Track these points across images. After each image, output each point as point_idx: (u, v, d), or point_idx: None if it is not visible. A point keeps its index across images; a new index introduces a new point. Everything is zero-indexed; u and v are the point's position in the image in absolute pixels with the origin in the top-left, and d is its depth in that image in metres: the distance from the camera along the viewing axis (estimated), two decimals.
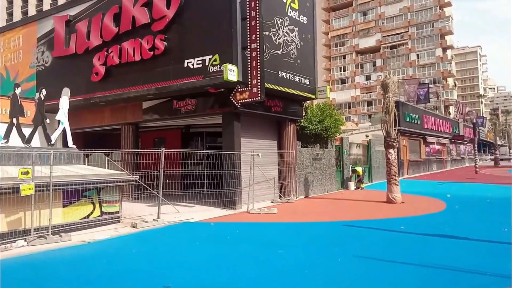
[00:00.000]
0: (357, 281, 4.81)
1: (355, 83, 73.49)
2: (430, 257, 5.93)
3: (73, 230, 8.00)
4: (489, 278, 4.77)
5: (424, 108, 35.40)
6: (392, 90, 13.58)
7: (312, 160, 15.57)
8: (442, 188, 17.23)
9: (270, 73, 11.78)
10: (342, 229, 8.67)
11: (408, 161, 28.82)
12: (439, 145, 36.68)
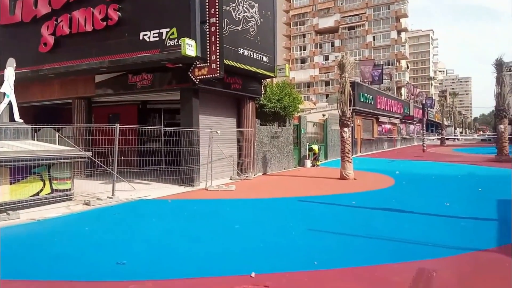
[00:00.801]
0: (309, 253, 5.03)
1: (314, 63, 74.37)
2: (377, 229, 6.30)
3: (22, 208, 7.66)
4: (430, 248, 5.17)
5: (378, 89, 36.65)
6: (348, 70, 13.91)
7: (270, 138, 15.77)
8: (392, 166, 18.15)
9: (229, 49, 11.63)
10: (297, 204, 8.95)
11: (362, 140, 29.95)
12: (390, 125, 38.36)
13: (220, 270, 4.44)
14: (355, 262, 4.62)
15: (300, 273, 4.30)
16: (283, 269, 4.42)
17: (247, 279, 4.11)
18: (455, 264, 4.61)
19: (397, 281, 3.99)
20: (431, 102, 61.88)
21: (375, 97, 32.66)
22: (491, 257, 4.77)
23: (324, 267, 4.47)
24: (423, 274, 4.14)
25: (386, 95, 38.09)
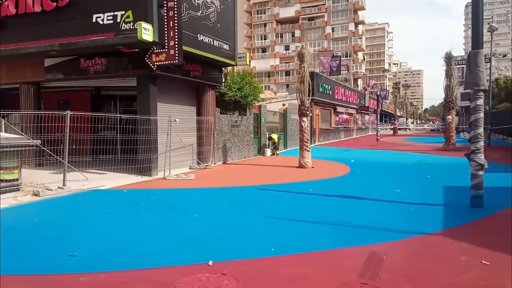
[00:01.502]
0: (267, 240, 5.10)
1: (275, 52, 74.66)
2: (333, 215, 6.51)
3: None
4: (381, 233, 5.40)
5: (336, 79, 37.52)
6: (307, 60, 14.10)
7: (231, 127, 15.72)
8: (348, 154, 18.74)
9: (188, 35, 11.38)
10: (257, 192, 9.03)
11: (320, 129, 30.64)
12: (347, 115, 39.50)
13: (177, 260, 4.39)
14: (311, 248, 4.74)
15: (257, 260, 4.35)
16: (240, 257, 4.45)
17: (204, 268, 4.10)
18: (403, 247, 4.86)
19: (350, 265, 4.14)
20: (385, 93, 64.31)
21: (333, 87, 33.41)
22: (436, 240, 5.07)
23: (281, 253, 4.55)
24: (374, 257, 4.33)
25: (344, 86, 39.10)
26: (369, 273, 3.88)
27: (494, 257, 4.32)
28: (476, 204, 6.80)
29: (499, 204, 7.00)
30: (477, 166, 6.88)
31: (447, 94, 21.93)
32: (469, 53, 7.21)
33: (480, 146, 6.96)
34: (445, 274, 3.88)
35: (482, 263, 4.11)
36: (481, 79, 6.98)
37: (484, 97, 7.43)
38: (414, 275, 3.87)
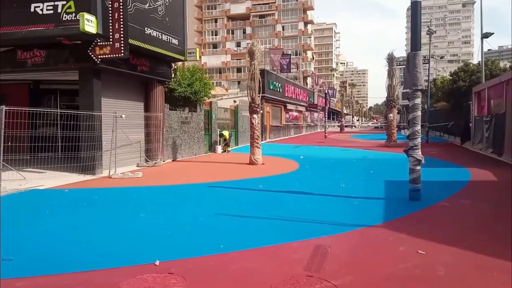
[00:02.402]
0: (216, 237, 5.09)
1: (226, 48, 74.39)
2: (281, 211, 6.62)
3: None
4: (326, 226, 5.60)
5: (286, 77, 38.18)
6: (258, 58, 14.18)
7: (180, 123, 15.45)
8: (297, 151, 19.17)
9: (135, 28, 11.02)
10: (207, 190, 8.96)
11: (271, 126, 31.04)
12: (297, 112, 40.37)
13: (121, 261, 4.25)
14: (260, 243, 4.79)
15: (205, 258, 4.32)
16: (188, 255, 4.40)
17: (151, 268, 4.00)
18: (347, 239, 5.07)
19: (296, 258, 4.24)
20: (333, 91, 66.52)
21: (283, 85, 33.97)
22: (377, 232, 5.34)
23: (230, 249, 4.56)
24: (319, 250, 4.47)
25: (294, 84, 39.89)
26: (314, 266, 4.01)
27: (429, 246, 4.63)
28: (414, 197, 7.24)
29: (435, 197, 7.50)
30: (415, 161, 7.32)
31: (389, 93, 23.12)
32: (408, 55, 7.65)
33: (417, 142, 7.41)
34: (384, 264, 4.11)
35: (419, 253, 4.39)
36: (419, 79, 7.42)
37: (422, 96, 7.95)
38: (355, 266, 4.06)
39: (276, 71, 35.36)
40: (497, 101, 16.19)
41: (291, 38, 73.01)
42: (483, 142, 17.50)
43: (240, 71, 72.10)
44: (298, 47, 72.40)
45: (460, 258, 4.30)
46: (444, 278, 3.74)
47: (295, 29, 72.67)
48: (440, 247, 4.65)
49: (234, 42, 74.56)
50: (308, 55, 75.53)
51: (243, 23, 74.40)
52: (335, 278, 3.67)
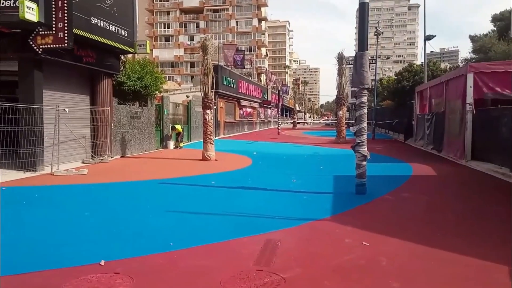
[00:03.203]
0: (166, 235, 4.99)
1: (179, 42, 72.92)
2: (233, 207, 6.63)
3: None
4: (277, 221, 5.68)
5: (240, 73, 38.20)
6: (211, 53, 14.03)
7: (130, 118, 14.95)
8: (250, 147, 19.28)
9: (80, 17, 10.47)
10: (157, 186, 8.75)
11: (224, 122, 30.94)
12: (251, 108, 40.55)
13: (64, 261, 4.03)
14: (210, 239, 4.76)
15: (154, 256, 4.22)
16: (136, 254, 4.27)
17: (95, 268, 3.84)
18: (296, 233, 5.18)
19: (247, 253, 4.27)
20: (286, 89, 67.51)
21: (237, 81, 33.95)
22: (325, 225, 5.50)
23: (180, 247, 4.49)
24: (269, 245, 4.53)
25: (247, 80, 40.01)
26: (264, 260, 4.05)
27: (373, 238, 4.85)
28: (360, 192, 7.55)
29: (379, 190, 7.87)
30: (361, 157, 7.63)
31: (339, 91, 23.89)
32: (355, 54, 7.93)
33: (364, 139, 7.72)
34: (331, 256, 4.24)
35: (363, 244, 4.58)
36: (365, 78, 7.72)
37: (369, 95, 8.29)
38: (304, 259, 4.15)
39: (230, 67, 35.26)
40: (438, 100, 17.28)
41: (245, 34, 73.06)
42: (424, 139, 18.62)
43: (194, 65, 71.03)
44: (252, 43, 72.61)
45: (401, 248, 4.54)
46: (386, 268, 3.93)
47: (249, 25, 72.80)
48: (383, 238, 4.88)
49: (187, 36, 73.25)
50: (262, 52, 76.03)
51: (197, 17, 73.29)
52: (284, 271, 3.73)
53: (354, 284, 3.55)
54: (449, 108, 14.51)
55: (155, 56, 68.69)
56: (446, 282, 3.61)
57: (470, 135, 12.34)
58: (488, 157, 11.41)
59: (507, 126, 9.91)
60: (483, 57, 31.56)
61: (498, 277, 3.67)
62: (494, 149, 10.97)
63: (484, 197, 7.77)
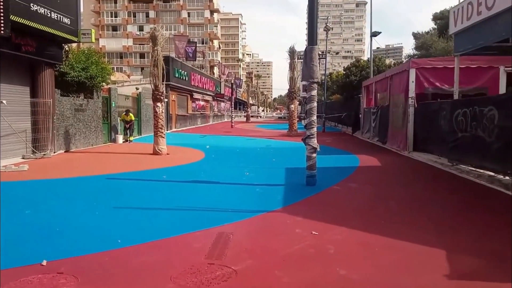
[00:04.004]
0: (114, 231, 4.82)
1: (128, 32, 70.29)
2: (185, 201, 6.56)
3: None
4: (229, 214, 5.69)
5: (192, 66, 37.59)
6: (161, 43, 13.66)
7: (74, 111, 14.21)
8: (203, 140, 19.11)
9: (18, 3, 9.76)
10: (104, 182, 8.42)
11: (176, 115, 30.36)
12: (204, 102, 40.11)
13: (2, 263, 3.77)
14: (160, 235, 4.67)
15: (101, 254, 4.07)
16: (81, 252, 4.09)
17: (37, 268, 3.64)
18: (248, 225, 5.22)
19: (198, 247, 4.24)
20: (239, 82, 67.47)
21: (189, 73, 33.38)
22: (276, 217, 5.60)
23: (128, 243, 4.36)
24: (221, 237, 4.53)
25: (200, 73, 39.47)
26: (216, 253, 4.05)
27: (322, 227, 5.01)
28: (310, 183, 7.76)
29: (328, 181, 8.13)
30: (311, 149, 7.83)
31: (291, 85, 24.29)
32: (305, 49, 8.08)
33: (314, 131, 7.93)
34: (281, 246, 4.33)
35: (312, 234, 4.72)
36: (315, 72, 7.91)
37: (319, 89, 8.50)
38: (255, 250, 4.20)
39: (182, 59, 34.56)
40: (382, 95, 18.12)
41: (197, 26, 71.89)
42: (370, 132, 19.48)
43: (144, 56, 68.86)
44: (204, 35, 71.67)
45: (347, 236, 4.74)
46: (334, 256, 4.09)
47: (201, 16, 71.68)
48: (331, 227, 5.06)
49: (136, 25, 70.74)
50: (214, 44, 75.30)
51: (146, 6, 70.91)
52: (236, 264, 3.75)
53: (304, 272, 3.66)
54: (393, 102, 15.27)
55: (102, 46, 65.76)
56: (389, 267, 3.82)
57: (412, 127, 13.09)
58: (428, 148, 12.17)
59: (445, 119, 10.61)
60: (425, 54, 33.48)
61: (437, 261, 3.93)
62: (433, 141, 11.72)
63: (425, 186, 8.29)
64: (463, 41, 10.21)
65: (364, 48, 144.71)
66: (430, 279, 3.51)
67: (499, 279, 3.50)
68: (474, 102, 9.11)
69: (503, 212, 5.93)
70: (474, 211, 6.10)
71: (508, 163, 7.49)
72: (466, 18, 9.61)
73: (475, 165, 8.98)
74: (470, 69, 12.30)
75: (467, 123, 9.21)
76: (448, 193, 7.39)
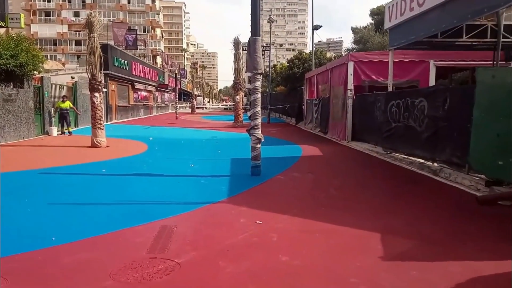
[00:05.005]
0: (47, 229, 4.54)
1: (62, 18, 65.79)
2: (125, 195, 6.34)
3: None
4: (173, 206, 5.59)
5: (133, 54, 36.14)
6: (97, 30, 12.94)
7: (3, 101, 13.08)
8: (146, 132, 18.52)
9: None
10: (37, 177, 7.87)
11: (117, 106, 29.10)
12: (146, 92, 38.81)
13: None
14: (99, 231, 4.47)
15: (33, 253, 3.81)
16: (11, 252, 3.79)
17: None
18: (192, 217, 5.16)
19: (139, 242, 4.12)
20: (183, 72, 66.17)
21: (130, 62, 32.08)
22: (221, 208, 5.60)
23: (64, 241, 4.13)
24: (164, 231, 4.45)
25: (142, 62, 38.07)
26: (159, 247, 3.97)
27: (266, 216, 5.10)
28: (255, 173, 7.85)
29: (273, 171, 8.27)
30: (255, 140, 7.91)
31: (236, 76, 24.25)
32: (249, 40, 8.10)
33: (258, 122, 8.01)
34: (225, 237, 4.34)
35: (256, 223, 4.79)
36: (258, 63, 7.96)
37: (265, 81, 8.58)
38: (199, 242, 4.18)
39: (121, 47, 33.06)
40: (324, 86, 18.71)
41: (138, 13, 69.03)
42: (313, 122, 20.09)
43: (80, 44, 64.87)
44: (146, 23, 69.06)
45: (290, 224, 4.87)
46: (277, 243, 4.18)
47: (141, 3, 68.89)
48: (275, 216, 5.17)
49: (71, 11, 66.37)
50: (157, 33, 72.90)
51: None
52: (179, 256, 3.71)
53: (247, 261, 3.70)
54: (333, 94, 15.84)
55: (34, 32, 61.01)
56: (328, 251, 3.99)
57: (351, 118, 13.69)
58: (366, 138, 12.81)
59: (381, 110, 11.22)
60: (363, 48, 35.02)
61: (373, 244, 4.16)
62: (370, 131, 12.35)
63: (362, 173, 8.74)
64: (397, 36, 10.82)
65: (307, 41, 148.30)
66: (366, 261, 3.72)
67: (428, 258, 3.79)
68: (406, 94, 9.71)
69: (432, 197, 6.43)
70: (406, 196, 6.55)
71: (437, 150, 8.12)
72: (400, 13, 10.18)
73: (407, 153, 9.62)
74: (403, 63, 13.08)
75: (400, 114, 9.81)
76: (383, 180, 7.86)
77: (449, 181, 7.28)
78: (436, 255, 3.86)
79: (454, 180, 7.20)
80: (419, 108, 8.83)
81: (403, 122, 9.63)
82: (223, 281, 3.29)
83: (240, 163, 9.34)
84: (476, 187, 6.53)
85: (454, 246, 4.11)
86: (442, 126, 7.88)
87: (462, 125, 6.90)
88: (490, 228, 4.74)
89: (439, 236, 4.43)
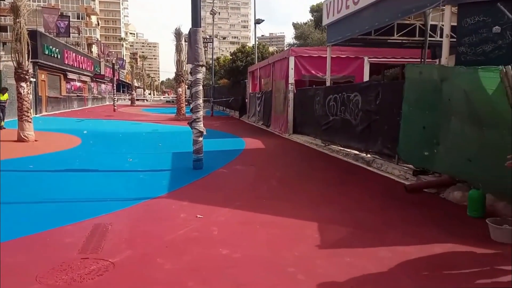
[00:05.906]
0: None
1: None
2: (55, 193, 5.93)
3: None
4: (108, 204, 5.33)
5: (66, 42, 33.83)
6: (24, 15, 11.94)
7: None
8: (81, 125, 17.50)
9: None
10: None
11: (47, 97, 27.15)
12: (80, 83, 36.61)
13: None
14: (24, 232, 4.13)
15: None
16: None
17: None
18: (129, 214, 4.96)
19: (70, 242, 3.87)
20: (122, 62, 63.28)
21: (62, 51, 30.02)
22: (160, 203, 5.45)
23: None
24: (98, 229, 4.22)
25: (75, 51, 35.80)
26: (91, 247, 3.75)
27: (207, 210, 5.04)
28: (197, 167, 7.74)
29: (215, 164, 8.20)
30: (197, 133, 7.79)
31: (178, 68, 23.66)
32: (189, 31, 7.91)
33: (200, 115, 7.88)
34: (165, 233, 4.22)
35: (197, 217, 4.72)
36: (199, 55, 7.82)
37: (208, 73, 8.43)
38: (136, 239, 4.02)
39: (52, 34, 30.78)
40: (266, 80, 18.91)
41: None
42: (256, 116, 20.26)
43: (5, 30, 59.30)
44: (80, 10, 64.97)
45: (231, 217, 4.86)
46: (217, 237, 4.15)
47: None
48: (216, 209, 5.13)
49: None
50: (92, 20, 68.91)
51: None
52: (113, 256, 3.53)
53: (186, 256, 3.63)
54: (276, 88, 16.07)
55: None
56: (268, 242, 4.03)
57: (292, 111, 13.99)
58: (306, 131, 13.17)
59: (319, 104, 11.58)
60: (303, 43, 35.91)
61: (309, 233, 4.29)
62: (310, 124, 12.71)
63: (302, 165, 8.98)
64: (334, 33, 11.20)
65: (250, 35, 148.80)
66: (303, 250, 3.82)
67: (361, 244, 3.98)
68: (342, 89, 10.12)
69: (365, 186, 6.77)
70: (342, 186, 6.83)
71: (370, 142, 8.57)
72: (337, 11, 10.54)
73: (343, 145, 10.05)
74: (340, 59, 13.58)
75: (337, 107, 10.20)
76: (321, 171, 8.13)
77: (380, 171, 7.71)
78: (369, 241, 4.07)
79: (385, 170, 7.65)
80: (354, 102, 9.24)
81: (340, 116, 10.02)
82: (161, 278, 3.19)
83: (182, 157, 9.16)
84: (405, 176, 6.99)
85: (385, 232, 4.36)
86: (374, 119, 8.32)
87: (393, 119, 7.33)
88: (417, 214, 5.09)
89: (372, 223, 4.68)
